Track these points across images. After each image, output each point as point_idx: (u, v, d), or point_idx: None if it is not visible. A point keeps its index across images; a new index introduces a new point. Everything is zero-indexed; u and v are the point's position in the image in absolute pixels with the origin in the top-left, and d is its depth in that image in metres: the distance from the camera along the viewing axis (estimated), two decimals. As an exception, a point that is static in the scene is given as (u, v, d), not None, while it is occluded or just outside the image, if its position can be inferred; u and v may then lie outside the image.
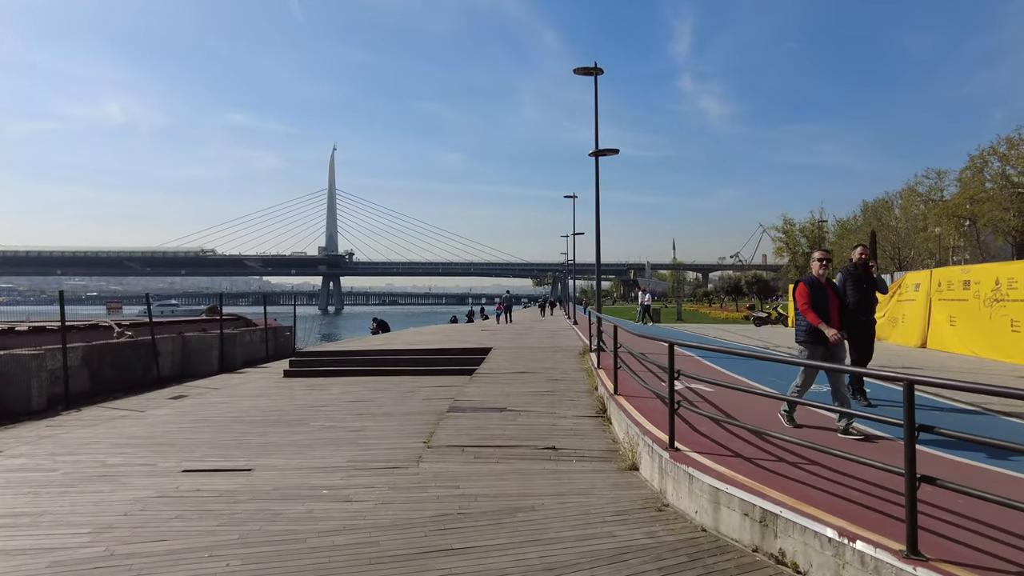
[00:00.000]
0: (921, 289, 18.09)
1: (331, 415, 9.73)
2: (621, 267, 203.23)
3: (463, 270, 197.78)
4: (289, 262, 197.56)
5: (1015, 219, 61.99)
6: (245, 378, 15.36)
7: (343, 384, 13.23)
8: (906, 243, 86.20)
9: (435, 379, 13.45)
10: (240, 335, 18.69)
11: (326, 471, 6.52)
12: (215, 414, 10.11)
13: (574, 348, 15.47)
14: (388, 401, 10.88)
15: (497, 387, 10.64)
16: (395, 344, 17.14)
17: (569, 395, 9.90)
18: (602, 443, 7.29)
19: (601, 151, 14.10)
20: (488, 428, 7.96)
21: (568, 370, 12.04)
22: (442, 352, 15.29)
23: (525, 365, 12.89)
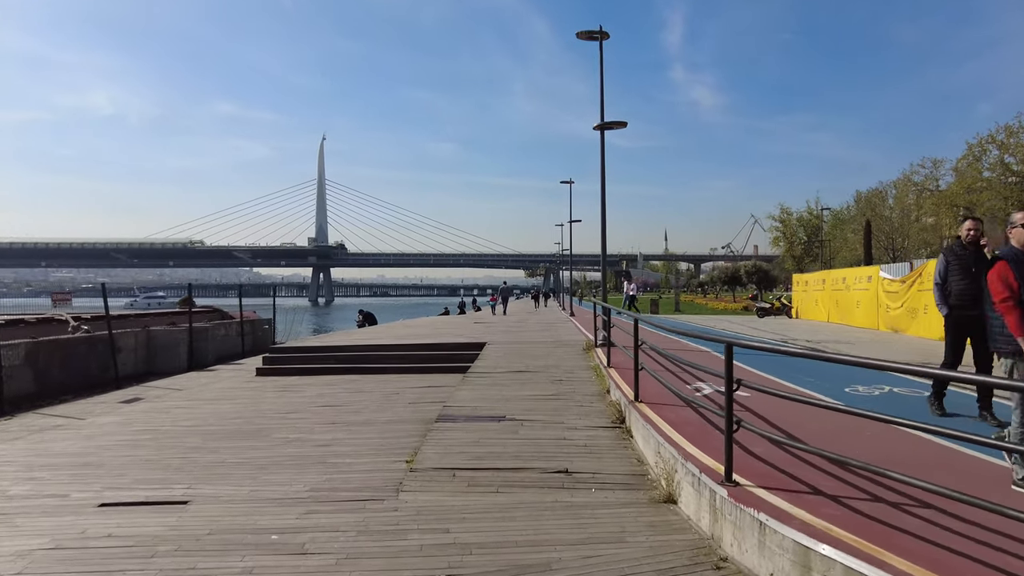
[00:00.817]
0: (946, 278, 16.84)
1: (300, 424, 8.36)
2: (613, 258, 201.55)
3: (455, 261, 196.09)
4: (278, 253, 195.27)
5: (1014, 208, 61.07)
6: (214, 377, 13.95)
7: (320, 384, 11.85)
8: (900, 233, 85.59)
9: (424, 378, 12.09)
10: (213, 329, 17.27)
11: (282, 504, 5.16)
12: (166, 423, 8.72)
13: (576, 343, 14.14)
14: (369, 406, 9.52)
15: (493, 389, 9.28)
16: (381, 339, 15.76)
17: (577, 399, 8.56)
18: (624, 464, 5.95)
19: (607, 124, 12.73)
20: (484, 443, 6.61)
21: (573, 369, 10.71)
22: (432, 348, 13.93)
23: (524, 363, 11.56)
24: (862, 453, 4.84)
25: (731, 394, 4.33)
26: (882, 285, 21.21)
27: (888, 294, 20.68)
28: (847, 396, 7.70)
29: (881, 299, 21.28)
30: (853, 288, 23.89)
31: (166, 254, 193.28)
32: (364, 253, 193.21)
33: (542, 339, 15.43)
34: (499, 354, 12.62)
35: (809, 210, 69.91)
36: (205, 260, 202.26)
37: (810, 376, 8.90)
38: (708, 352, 11.79)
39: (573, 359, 11.81)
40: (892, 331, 19.94)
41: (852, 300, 23.89)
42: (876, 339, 16.95)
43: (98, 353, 13.38)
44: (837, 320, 25.30)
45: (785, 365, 9.77)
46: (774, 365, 9.75)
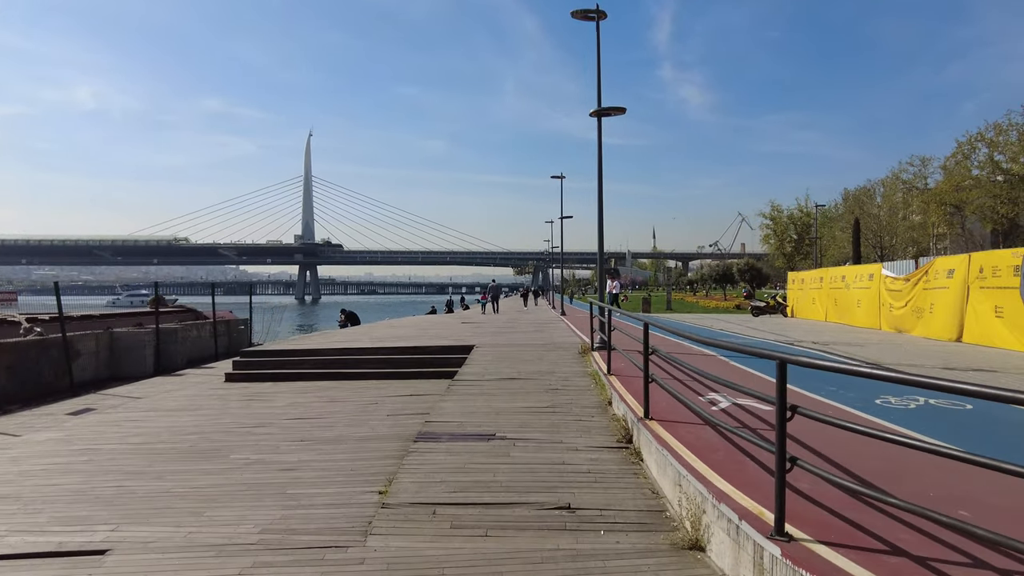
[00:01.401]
0: (956, 276, 16.09)
1: (264, 441, 7.39)
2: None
3: (443, 259, 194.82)
4: (264, 251, 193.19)
5: (1003, 206, 61.07)
6: (180, 382, 12.93)
7: (292, 392, 10.87)
8: (888, 231, 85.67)
9: (406, 385, 11.15)
10: (183, 330, 16.20)
11: (223, 553, 4.21)
12: (112, 440, 7.71)
13: (571, 345, 13.22)
14: (343, 418, 8.56)
15: (481, 400, 8.34)
16: (362, 341, 14.77)
17: (576, 412, 7.64)
18: (636, 496, 5.04)
19: (604, 110, 11.82)
20: (471, 469, 5.67)
21: (569, 376, 9.79)
22: (415, 351, 12.96)
23: (515, 368, 10.63)
24: (941, 494, 3.94)
25: (785, 425, 3.41)
26: (885, 283, 20.48)
27: (891, 292, 19.94)
28: (879, 409, 6.85)
29: (884, 298, 20.54)
30: (853, 287, 23.14)
31: (150, 251, 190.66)
32: (351, 250, 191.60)
33: (534, 341, 14.51)
34: (488, 358, 11.69)
35: (800, 208, 69.44)
36: (190, 258, 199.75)
37: (832, 385, 8.03)
38: (713, 356, 10.93)
39: (569, 364, 10.88)
40: (896, 331, 19.20)
41: (852, 299, 23.15)
42: (883, 340, 16.16)
43: (51, 358, 12.31)
44: (835, 319, 24.57)
45: (797, 371, 8.89)
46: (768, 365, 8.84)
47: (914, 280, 18.56)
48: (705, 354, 11.16)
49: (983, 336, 14.70)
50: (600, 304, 11.51)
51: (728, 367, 9.69)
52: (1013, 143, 59.43)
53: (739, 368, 9.65)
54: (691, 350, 11.27)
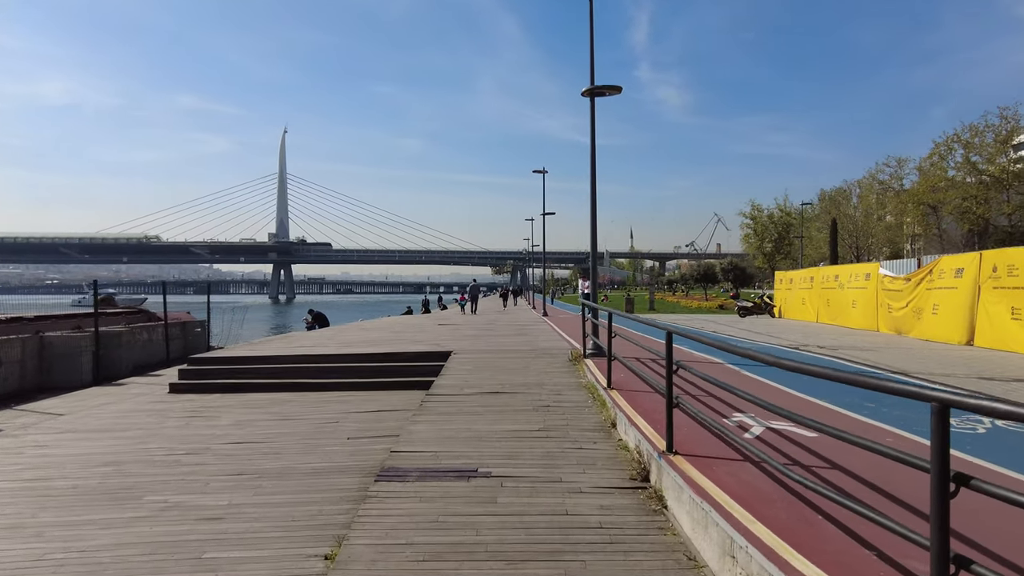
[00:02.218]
0: (966, 275, 15.12)
1: (193, 476, 6.00)
2: (580, 255, 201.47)
3: (420, 258, 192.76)
4: (238, 249, 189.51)
5: (980, 207, 61.30)
6: (118, 394, 11.41)
7: (241, 406, 9.46)
8: (864, 232, 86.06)
9: (373, 399, 9.79)
10: (128, 333, 14.63)
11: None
12: (1, 476, 6.25)
13: (559, 352, 11.94)
14: (293, 442, 7.19)
15: (460, 420, 7.01)
16: (327, 346, 13.33)
17: (574, 436, 6.34)
18: (668, 564, 3.76)
19: (597, 88, 10.55)
20: (447, 523, 4.34)
21: (561, 389, 8.50)
22: (385, 358, 11.57)
23: (498, 378, 9.32)
24: None
25: (946, 509, 2.13)
26: (883, 283, 19.54)
27: (890, 293, 19.00)
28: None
29: (881, 298, 19.60)
30: (848, 286, 22.20)
31: (119, 249, 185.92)
32: (327, 249, 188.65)
33: (518, 346, 13.18)
34: (468, 367, 10.35)
35: (780, 207, 69.02)
36: (162, 256, 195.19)
37: (870, 401, 6.85)
38: (721, 364, 9.73)
39: (559, 374, 9.59)
40: (896, 333, 18.25)
41: (846, 299, 22.21)
42: (890, 344, 15.13)
43: (-35, 367, 10.73)
44: (827, 320, 23.64)
45: (812, 380, 7.73)
46: (796, 380, 7.69)
47: (916, 280, 17.60)
48: (712, 361, 9.96)
49: (997, 339, 13.72)
50: (592, 305, 10.25)
51: (741, 377, 8.48)
52: (989, 144, 59.66)
53: (756, 380, 8.44)
54: (692, 356, 10.05)
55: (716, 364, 9.76)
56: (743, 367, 9.27)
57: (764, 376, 8.56)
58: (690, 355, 10.57)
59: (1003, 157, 60.83)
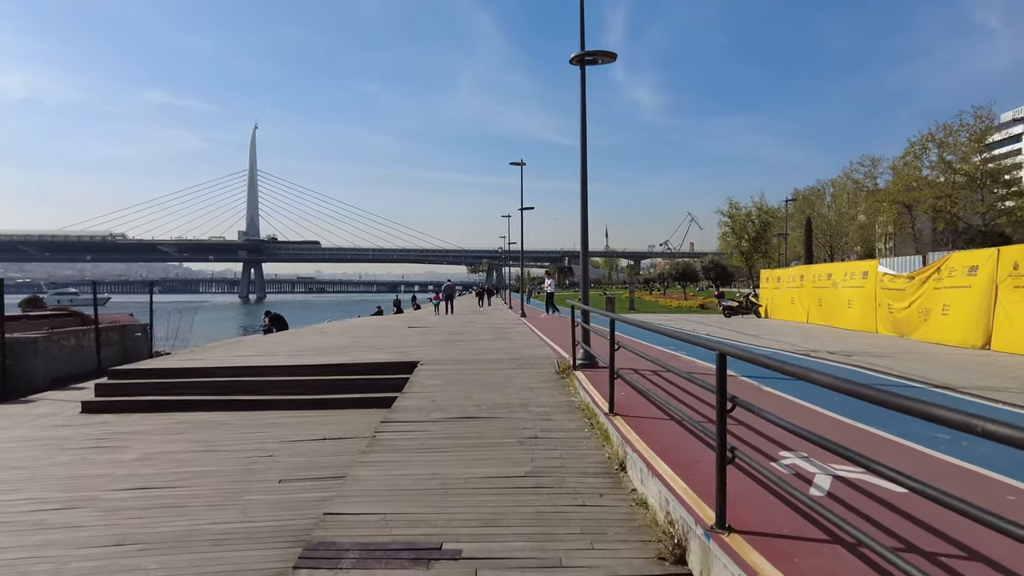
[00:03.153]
0: (981, 273, 13.94)
1: (50, 548, 4.35)
2: (555, 254, 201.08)
3: (394, 256, 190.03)
4: (207, 247, 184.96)
5: (955, 206, 61.37)
6: (16, 415, 9.58)
7: (161, 431, 7.78)
8: (837, 231, 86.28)
9: (321, 420, 8.16)
10: (47, 340, 12.75)
11: None
12: None
13: (544, 361, 10.30)
14: (208, 487, 5.56)
15: (421, 461, 5.42)
16: (276, 355, 11.62)
17: (572, 485, 4.80)
18: None
19: (588, 55, 9.04)
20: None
21: (550, 412, 6.95)
22: (341, 370, 9.92)
23: (473, 397, 7.75)
24: None
25: None
26: (882, 282, 18.37)
27: (890, 292, 17.83)
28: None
29: (880, 298, 18.44)
30: (843, 285, 21.04)
31: (83, 247, 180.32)
32: (299, 247, 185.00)
33: (496, 353, 11.57)
34: (437, 381, 8.75)
35: (758, 205, 68.41)
36: (127, 254, 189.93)
37: (942, 431, 5.42)
38: (733, 377, 8.26)
39: (546, 390, 8.03)
40: (897, 335, 17.08)
41: (841, 299, 21.04)
42: (902, 348, 13.87)
43: None
44: (819, 321, 22.49)
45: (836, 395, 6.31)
46: (828, 396, 6.26)
47: (921, 278, 16.43)
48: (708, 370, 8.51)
49: (1019, 343, 12.53)
50: (583, 308, 8.73)
51: (763, 395, 7.03)
52: (963, 144, 59.69)
53: (783, 398, 6.99)
54: (673, 356, 8.59)
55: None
56: (761, 380, 7.82)
57: (787, 392, 7.12)
58: (672, 356, 9.11)
59: (977, 156, 60.97)
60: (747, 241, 69.35)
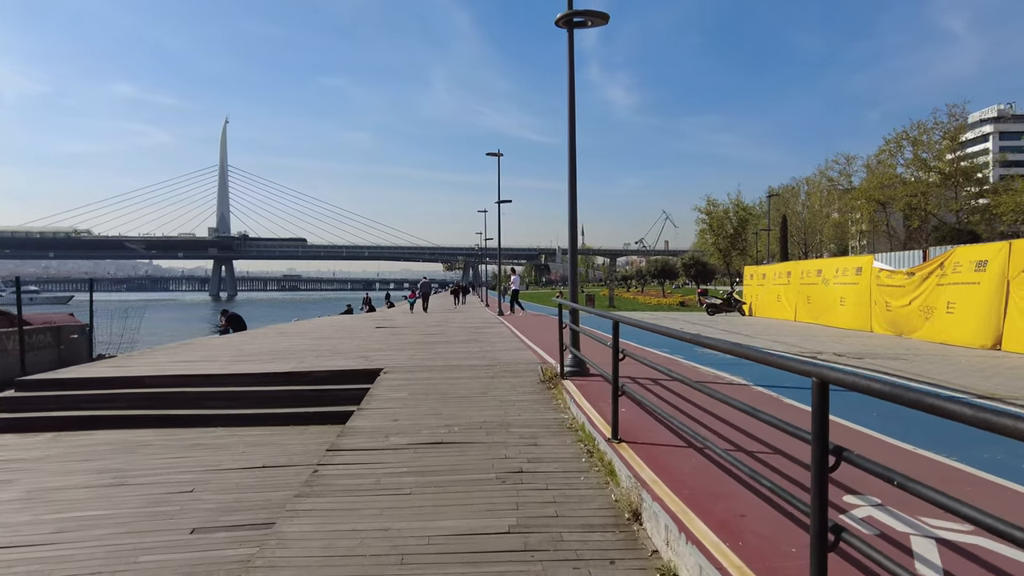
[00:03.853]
0: (991, 268, 13.02)
1: None
2: (532, 251, 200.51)
3: (369, 254, 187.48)
4: (176, 244, 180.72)
5: (929, 204, 61.60)
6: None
7: (65, 459, 6.40)
8: (811, 229, 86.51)
9: (261, 442, 6.84)
10: (-40, 345, 11.21)
11: None
12: None
13: (526, 367, 9.00)
14: (91, 546, 4.24)
15: (372, 512, 4.12)
16: (218, 361, 10.19)
17: (573, 547, 3.57)
18: None
19: (576, 15, 7.80)
20: None
21: (537, 431, 5.70)
22: (291, 379, 8.57)
23: (444, 414, 6.48)
24: None
25: None
26: (878, 278, 17.47)
27: (887, 289, 16.93)
28: None
29: (876, 295, 17.54)
30: (834, 282, 20.14)
31: (46, 244, 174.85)
32: (271, 245, 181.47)
33: (471, 358, 10.25)
34: (401, 394, 7.46)
35: (736, 202, 67.94)
36: (92, 251, 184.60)
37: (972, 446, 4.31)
38: (748, 387, 7.11)
39: (531, 405, 6.78)
40: (895, 334, 16.18)
41: (833, 296, 20.14)
42: (909, 348, 12.90)
43: None
44: (808, 319, 21.60)
45: (875, 410, 5.19)
46: (852, 408, 5.16)
47: (922, 274, 15.52)
48: (729, 382, 7.34)
49: (1036, 343, 11.62)
50: (573, 306, 7.50)
51: (783, 407, 5.88)
52: (938, 141, 59.91)
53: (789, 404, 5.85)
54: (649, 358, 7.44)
55: (737, 385, 7.15)
56: (780, 391, 6.67)
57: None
58: (670, 360, 7.94)
59: (951, 154, 61.26)
60: (725, 238, 68.88)
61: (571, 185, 7.96)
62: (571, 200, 7.93)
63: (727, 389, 6.64)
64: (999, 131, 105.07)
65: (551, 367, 8.45)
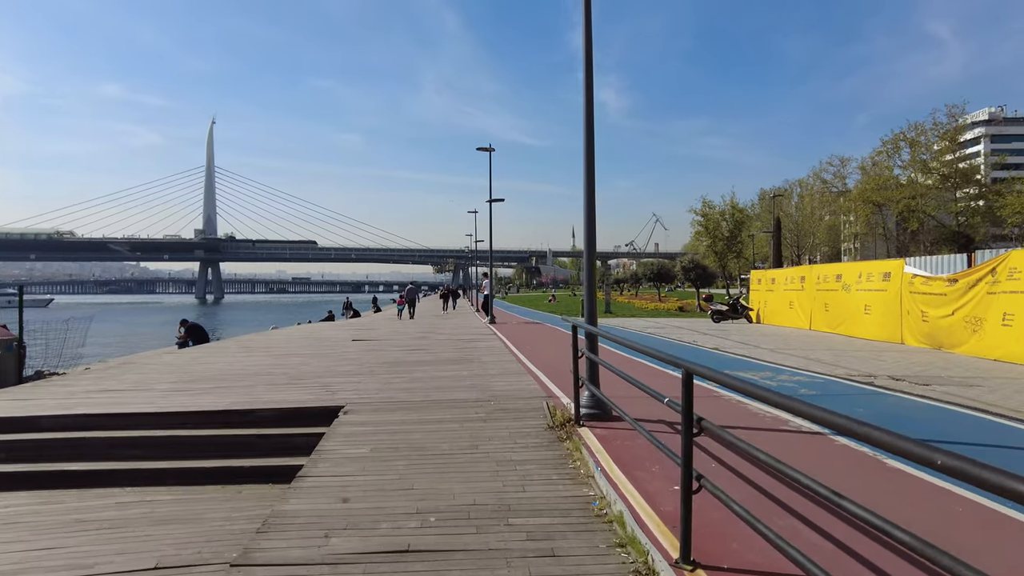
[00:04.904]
0: (1059, 275, 11.31)
1: None
2: (523, 254, 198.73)
3: (356, 256, 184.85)
4: (161, 246, 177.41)
5: (928, 205, 60.42)
6: None
7: None
8: (805, 231, 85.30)
9: (164, 517, 4.95)
10: None
11: None
12: None
13: (527, 401, 7.01)
14: None
15: None
16: (150, 391, 8.26)
17: None
18: None
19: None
20: None
21: (549, 525, 3.83)
22: (227, 420, 6.67)
23: (415, 490, 4.54)
24: None
25: None
26: (911, 285, 15.76)
27: (924, 297, 15.22)
28: None
29: (909, 304, 15.83)
30: (857, 288, 18.43)
31: (26, 246, 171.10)
32: (258, 246, 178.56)
33: (458, 388, 8.07)
34: (361, 450, 5.53)
35: (732, 204, 66.38)
36: (75, 253, 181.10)
37: None
38: (798, 433, 5.29)
39: (538, 471, 4.86)
40: (933, 347, 14.49)
41: (855, 303, 18.43)
42: (972, 368, 11.15)
43: None
44: (825, 328, 19.90)
45: None
46: None
47: (969, 280, 13.81)
48: (809, 432, 5.52)
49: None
50: (591, 329, 5.67)
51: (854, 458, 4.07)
52: (934, 143, 58.79)
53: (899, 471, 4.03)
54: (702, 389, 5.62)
55: (810, 436, 5.34)
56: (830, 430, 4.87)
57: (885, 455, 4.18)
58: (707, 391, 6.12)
59: (951, 155, 60.15)
60: (721, 240, 67.34)
61: (588, 178, 6.13)
62: (588, 196, 6.11)
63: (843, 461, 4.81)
64: (990, 134, 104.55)
65: (561, 405, 6.59)
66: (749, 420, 6.02)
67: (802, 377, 9.28)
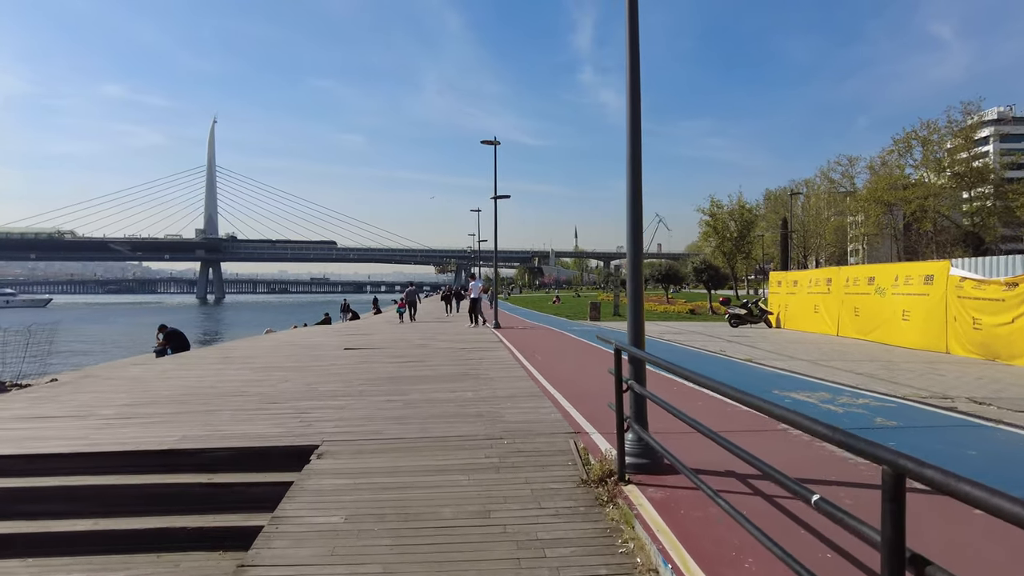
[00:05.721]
0: None
1: None
2: (526, 254, 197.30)
3: (359, 256, 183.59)
4: (162, 246, 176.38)
5: (942, 205, 59.01)
6: None
7: None
8: (812, 232, 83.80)
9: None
10: None
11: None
12: None
13: (549, 444, 5.40)
14: None
15: None
16: (89, 419, 6.86)
17: None
18: None
19: None
20: None
21: None
22: (167, 463, 5.29)
23: None
24: None
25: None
26: (959, 288, 14.34)
27: (974, 302, 13.80)
28: None
29: (955, 309, 14.41)
30: (892, 291, 17.00)
31: (27, 246, 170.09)
32: (260, 246, 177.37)
33: (462, 418, 6.45)
34: (334, 518, 4.09)
35: (741, 203, 64.88)
36: (76, 252, 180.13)
37: None
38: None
39: (573, 566, 3.48)
40: (986, 358, 13.09)
41: (891, 308, 17.01)
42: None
43: None
44: (855, 334, 18.49)
45: None
46: None
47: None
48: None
49: None
50: (638, 354, 4.28)
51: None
52: (947, 141, 57.38)
53: None
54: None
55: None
56: None
57: None
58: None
59: (966, 152, 58.74)
60: (729, 240, 65.89)
61: (633, 179, 4.75)
62: (632, 197, 4.72)
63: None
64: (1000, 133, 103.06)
65: (592, 446, 5.18)
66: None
67: (867, 399, 7.87)
